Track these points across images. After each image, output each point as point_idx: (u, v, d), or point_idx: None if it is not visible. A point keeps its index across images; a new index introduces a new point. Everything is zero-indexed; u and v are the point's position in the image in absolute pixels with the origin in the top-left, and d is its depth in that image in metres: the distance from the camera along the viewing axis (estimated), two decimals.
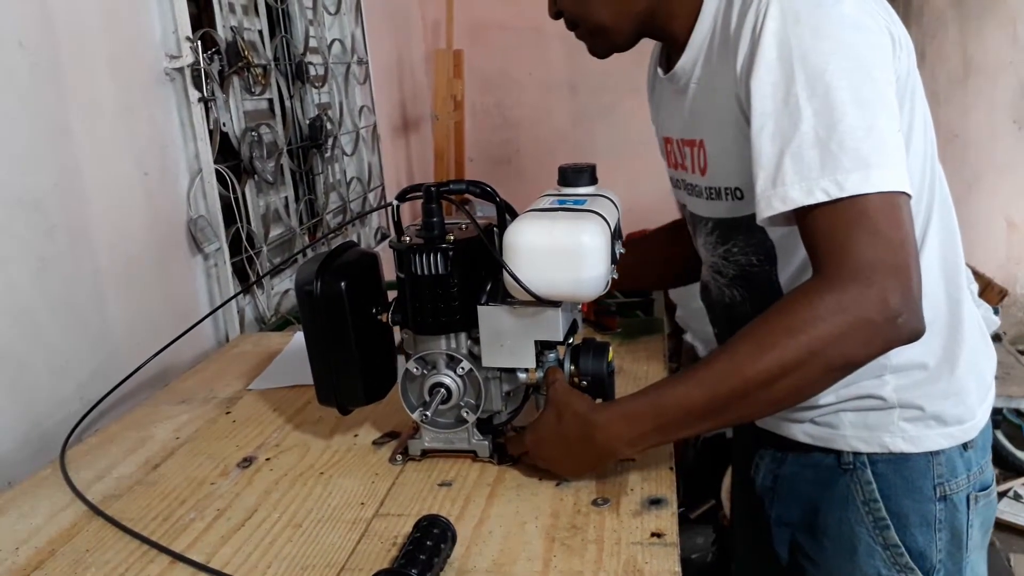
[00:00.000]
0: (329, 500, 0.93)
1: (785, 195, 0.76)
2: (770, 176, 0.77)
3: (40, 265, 1.21)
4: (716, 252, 0.99)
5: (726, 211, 0.93)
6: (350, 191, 2.45)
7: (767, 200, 0.77)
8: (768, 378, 0.76)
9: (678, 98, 0.96)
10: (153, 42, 1.51)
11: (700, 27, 0.88)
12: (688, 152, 0.96)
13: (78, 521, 0.91)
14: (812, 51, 0.75)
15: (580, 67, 3.33)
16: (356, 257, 0.99)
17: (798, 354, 0.75)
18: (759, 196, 0.78)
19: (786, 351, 0.75)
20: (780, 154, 0.76)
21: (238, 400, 1.24)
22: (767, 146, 0.77)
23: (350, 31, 2.48)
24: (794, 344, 0.75)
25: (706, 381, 0.79)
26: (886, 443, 0.91)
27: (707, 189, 0.94)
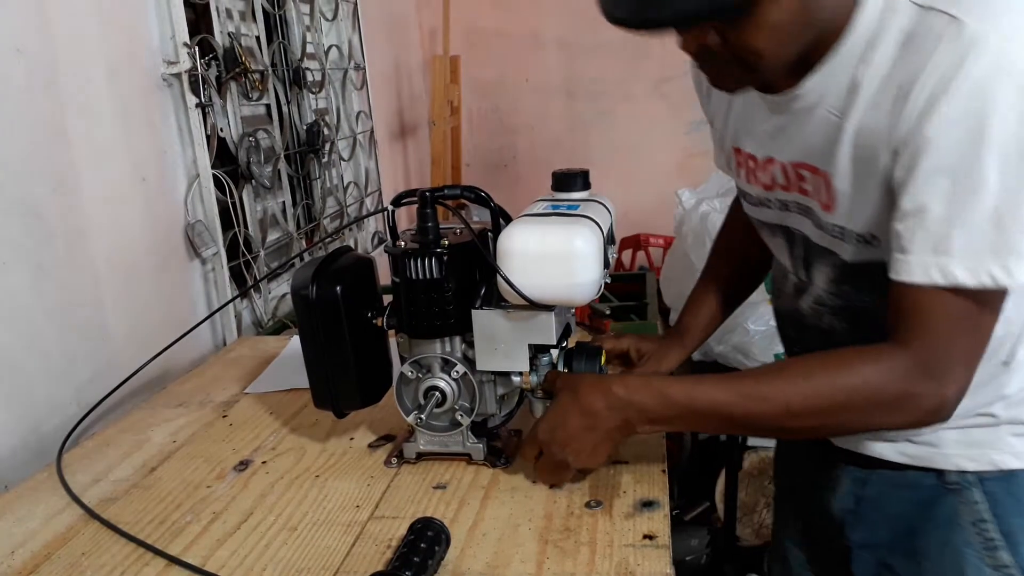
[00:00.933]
0: (324, 503, 0.93)
1: (946, 269, 0.70)
2: (933, 241, 0.70)
3: (38, 270, 1.21)
4: (827, 286, 0.90)
5: (852, 254, 0.83)
6: (347, 196, 2.46)
7: (924, 267, 0.71)
8: (807, 422, 0.79)
9: (788, 118, 0.84)
10: (151, 48, 1.52)
11: (846, 50, 0.76)
12: (810, 178, 0.84)
13: (74, 524, 0.92)
14: (1018, 122, 0.67)
15: (576, 73, 3.35)
16: (352, 262, 1.00)
17: (846, 417, 0.78)
18: (913, 257, 0.71)
19: (835, 406, 0.78)
20: (950, 220, 0.69)
21: (235, 404, 1.25)
22: (936, 205, 0.70)
23: (347, 37, 2.49)
24: (848, 405, 0.77)
25: (749, 396, 0.80)
26: (995, 460, 0.87)
27: (832, 226, 0.83)
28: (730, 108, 0.97)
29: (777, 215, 0.93)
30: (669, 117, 3.31)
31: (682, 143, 3.32)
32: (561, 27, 3.30)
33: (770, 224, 0.96)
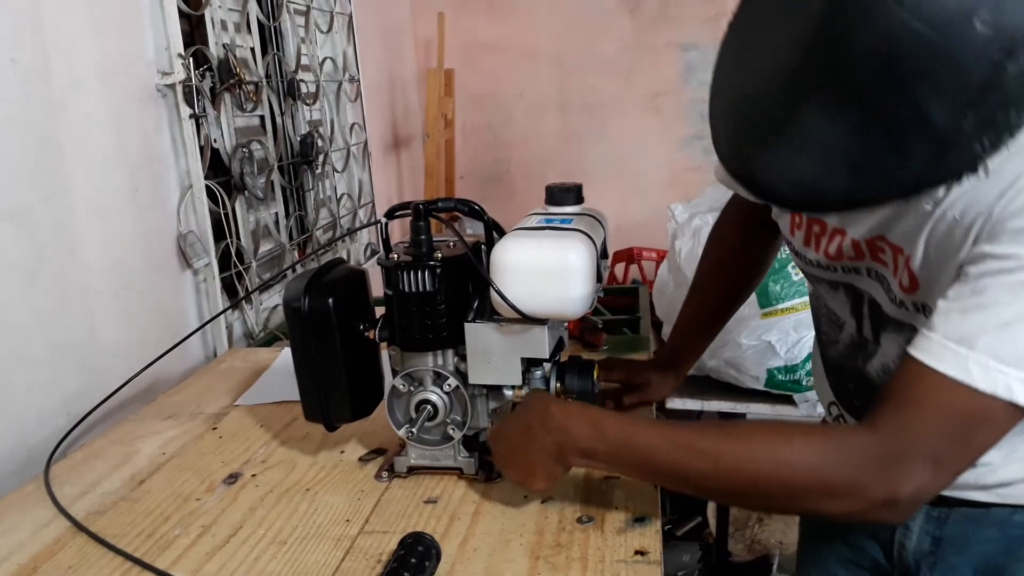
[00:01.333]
0: (314, 517, 0.93)
1: (964, 362, 0.65)
2: (962, 331, 0.66)
3: (28, 280, 1.21)
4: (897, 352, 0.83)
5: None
6: (340, 207, 2.46)
7: (939, 349, 0.66)
8: (737, 485, 0.73)
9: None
10: (145, 58, 1.52)
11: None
12: (889, 252, 0.80)
13: (61, 537, 0.91)
14: None
15: (569, 87, 3.36)
16: (344, 274, 1.00)
17: (776, 486, 0.72)
18: (935, 336, 0.67)
19: (768, 477, 0.72)
20: (990, 317, 0.65)
21: (225, 416, 1.24)
22: (983, 298, 0.66)
23: (342, 49, 2.50)
24: (777, 478, 0.71)
25: (681, 446, 0.75)
26: None
27: (915, 304, 0.78)
28: None
29: (842, 276, 0.88)
30: (662, 132, 3.33)
31: (674, 157, 3.34)
32: (555, 42, 3.32)
33: (830, 281, 0.90)
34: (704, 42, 3.24)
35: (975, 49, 0.54)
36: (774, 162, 0.62)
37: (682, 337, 1.19)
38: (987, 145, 0.57)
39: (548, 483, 0.85)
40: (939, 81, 0.56)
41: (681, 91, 3.29)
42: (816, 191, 0.63)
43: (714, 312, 1.18)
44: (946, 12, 0.54)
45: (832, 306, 0.94)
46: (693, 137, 3.33)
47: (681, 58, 3.26)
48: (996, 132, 0.57)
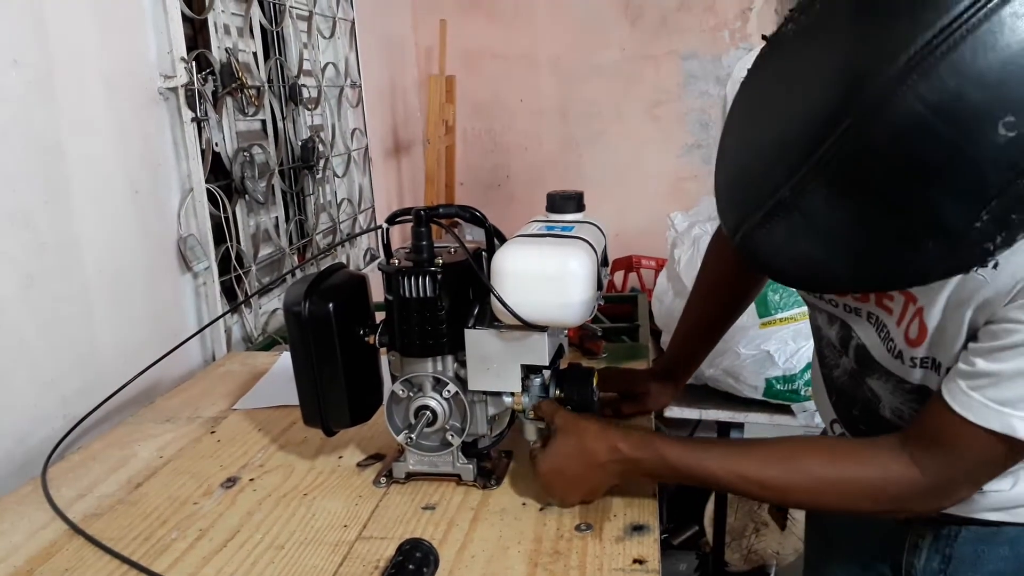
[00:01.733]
0: (312, 522, 0.92)
1: (1008, 421, 0.69)
2: (1004, 394, 0.68)
3: (28, 281, 1.21)
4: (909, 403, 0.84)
5: (936, 383, 0.77)
6: (340, 212, 2.46)
7: (984, 411, 0.69)
8: (800, 506, 0.84)
9: None
10: (148, 62, 1.52)
11: None
12: (898, 299, 0.80)
13: (58, 540, 0.91)
14: None
15: (570, 95, 3.37)
16: (344, 279, 1.00)
17: (839, 507, 0.83)
18: (977, 396, 0.70)
19: (830, 501, 0.81)
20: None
21: (223, 419, 1.24)
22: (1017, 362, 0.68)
23: (344, 55, 2.51)
24: (840, 502, 0.81)
25: (748, 480, 0.81)
26: None
27: (911, 358, 0.79)
28: None
29: (841, 312, 0.89)
30: (661, 140, 3.33)
31: (674, 166, 3.35)
32: (556, 49, 3.33)
33: (829, 313, 0.92)
34: (704, 52, 3.25)
35: (997, 153, 0.53)
36: (775, 238, 0.61)
37: (680, 347, 1.19)
38: (999, 243, 0.57)
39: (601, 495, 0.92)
40: (957, 182, 0.54)
41: (681, 100, 3.30)
42: (819, 275, 0.63)
43: (712, 322, 1.18)
44: (970, 114, 0.52)
45: (829, 336, 0.95)
46: (692, 146, 3.33)
47: (681, 67, 3.27)
48: (1010, 231, 0.56)
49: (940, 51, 0.52)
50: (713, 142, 3.33)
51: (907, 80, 0.52)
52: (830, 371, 0.97)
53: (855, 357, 0.89)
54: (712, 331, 1.19)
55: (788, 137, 0.59)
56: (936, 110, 0.52)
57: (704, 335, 1.19)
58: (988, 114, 0.52)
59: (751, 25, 3.22)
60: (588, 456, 0.88)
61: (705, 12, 3.22)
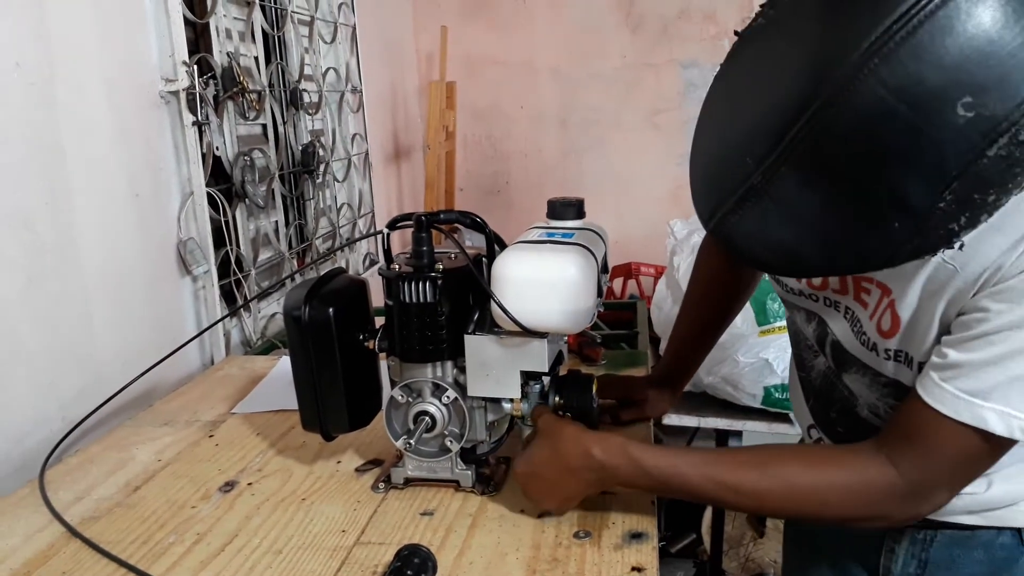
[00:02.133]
0: (310, 527, 0.92)
1: (979, 413, 0.69)
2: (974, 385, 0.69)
3: (27, 283, 1.21)
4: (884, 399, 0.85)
5: (911, 379, 0.78)
6: (340, 217, 2.46)
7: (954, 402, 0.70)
8: (778, 514, 0.81)
9: None
10: (149, 65, 1.52)
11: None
12: (873, 291, 0.81)
13: (55, 543, 0.91)
14: None
15: (570, 102, 3.38)
16: (344, 284, 1.00)
17: (818, 515, 0.81)
18: (949, 388, 0.70)
19: (809, 508, 0.80)
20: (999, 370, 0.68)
21: (221, 423, 1.24)
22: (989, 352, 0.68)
23: (345, 60, 2.51)
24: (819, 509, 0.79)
25: (723, 485, 0.80)
26: None
27: (885, 351, 0.80)
28: None
29: (821, 307, 0.90)
30: (661, 148, 3.34)
31: (673, 173, 3.35)
32: (557, 56, 3.34)
33: (807, 311, 0.93)
34: (704, 60, 3.26)
35: (956, 134, 0.55)
36: (747, 223, 0.63)
37: (676, 353, 1.19)
38: (963, 223, 0.58)
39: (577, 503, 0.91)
40: (918, 163, 0.56)
41: (681, 108, 3.30)
42: (790, 258, 0.64)
43: (707, 326, 1.19)
44: (929, 97, 0.54)
45: (806, 335, 0.95)
46: None
47: (682, 75, 3.28)
48: (973, 211, 0.58)
49: (899, 36, 0.54)
50: None
51: (868, 65, 0.54)
52: (807, 374, 0.97)
53: (831, 354, 0.89)
54: (707, 335, 1.19)
55: (758, 125, 0.61)
56: (897, 93, 0.54)
57: (699, 339, 1.19)
58: (947, 96, 0.54)
59: None
60: (561, 460, 0.87)
61: (705, 21, 3.23)
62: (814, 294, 0.90)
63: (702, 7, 3.22)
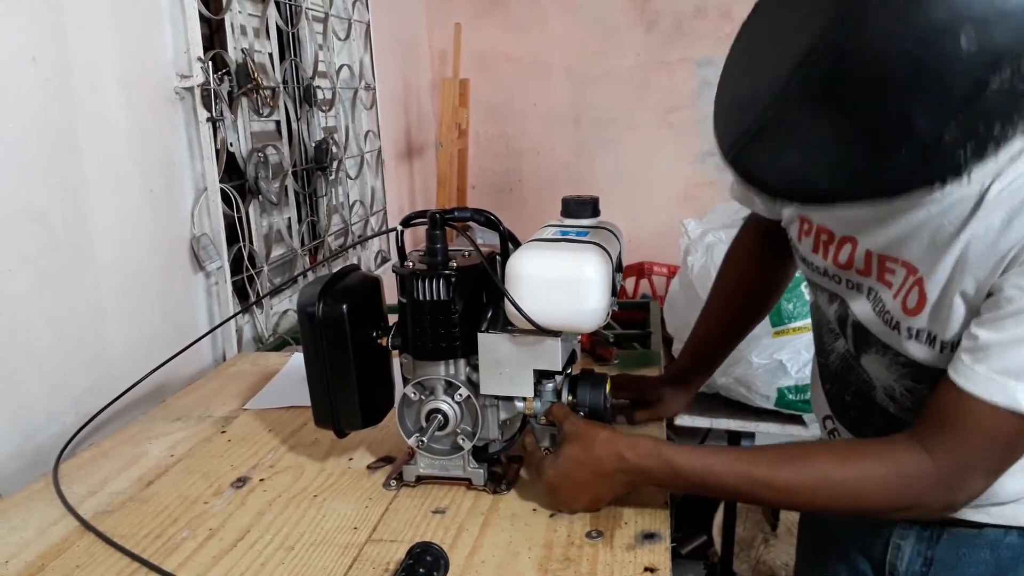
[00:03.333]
0: (322, 523, 0.92)
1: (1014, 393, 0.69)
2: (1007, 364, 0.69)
3: (41, 278, 1.21)
4: (901, 380, 0.84)
5: (933, 359, 0.78)
6: (352, 214, 2.46)
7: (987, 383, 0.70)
8: (812, 508, 0.81)
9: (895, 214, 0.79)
10: (164, 61, 1.53)
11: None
12: (898, 272, 0.81)
13: (69, 536, 0.91)
14: None
15: (583, 100, 3.37)
16: (358, 281, 1.00)
17: (855, 510, 0.82)
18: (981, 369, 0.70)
19: (843, 501, 0.79)
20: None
21: (234, 419, 1.24)
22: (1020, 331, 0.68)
23: (359, 57, 2.51)
24: (854, 503, 0.79)
25: (757, 483, 0.80)
26: None
27: (911, 330, 0.79)
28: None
29: (844, 290, 0.89)
30: (675, 147, 3.33)
31: (687, 173, 3.34)
32: (570, 54, 3.33)
33: (831, 292, 0.92)
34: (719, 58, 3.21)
35: (959, 64, 0.57)
36: (764, 154, 0.65)
37: (694, 355, 1.18)
38: (970, 154, 0.60)
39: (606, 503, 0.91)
40: (923, 92, 0.59)
41: (695, 107, 3.29)
42: (802, 185, 0.66)
43: (728, 332, 1.18)
44: (932, 27, 0.56)
45: (828, 316, 0.95)
46: (706, 153, 3.32)
47: (696, 74, 3.27)
48: (979, 142, 0.59)
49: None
50: None
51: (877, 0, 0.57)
52: (826, 359, 0.97)
53: (852, 335, 0.89)
54: (727, 339, 1.18)
55: (776, 62, 0.64)
56: (904, 24, 0.57)
57: (719, 343, 1.18)
58: (950, 27, 0.56)
59: None
60: (595, 464, 0.87)
61: (721, 18, 3.21)
62: (838, 275, 0.89)
63: (717, 4, 3.20)
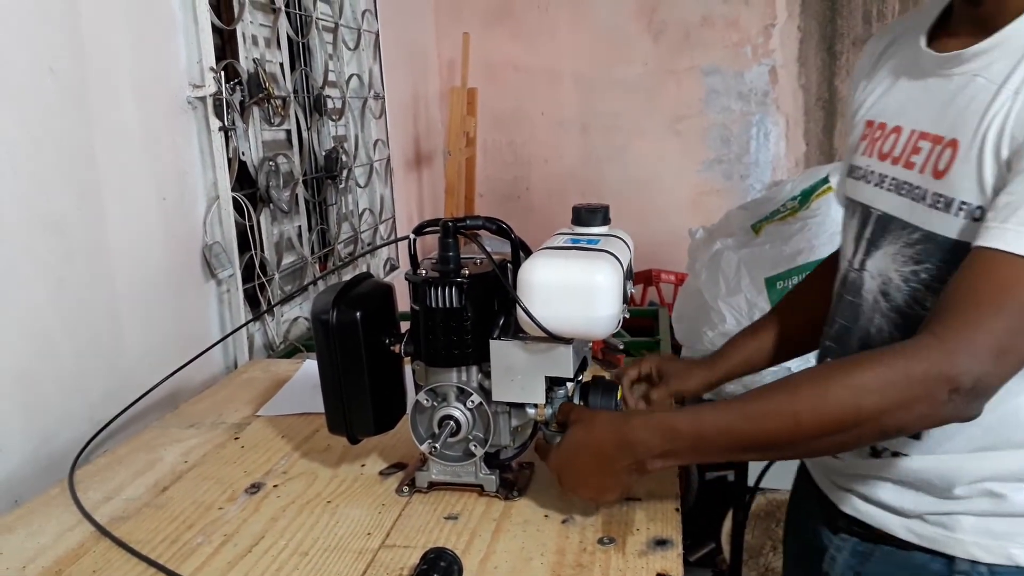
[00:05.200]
0: (336, 529, 0.93)
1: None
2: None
3: (58, 286, 1.22)
4: (901, 268, 0.84)
5: (947, 228, 0.78)
6: (361, 222, 2.48)
7: (1017, 234, 0.68)
8: (821, 432, 0.74)
9: (941, 84, 0.82)
10: (178, 71, 1.54)
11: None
12: (926, 148, 0.82)
13: (85, 541, 0.92)
14: None
15: (591, 108, 3.38)
16: (371, 288, 1.01)
17: (858, 417, 0.73)
18: (1010, 223, 0.69)
19: (848, 412, 0.73)
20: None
21: (246, 426, 1.25)
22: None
23: (368, 67, 2.53)
24: (857, 406, 0.73)
25: (757, 416, 0.77)
26: (1013, 555, 0.81)
27: (934, 195, 0.80)
28: (881, 82, 0.94)
29: (869, 193, 0.90)
30: (682, 155, 3.34)
31: (694, 181, 3.35)
32: (578, 63, 3.34)
33: (859, 203, 0.92)
34: (727, 68, 3.26)
35: None
36: None
37: (736, 344, 1.13)
38: None
39: (622, 495, 0.87)
40: None
41: (703, 115, 3.30)
42: None
43: (779, 334, 1.11)
44: None
45: (845, 246, 0.95)
46: (713, 161, 3.33)
47: (704, 82, 3.28)
48: None
49: None
50: (735, 158, 3.35)
51: None
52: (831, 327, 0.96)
53: (870, 233, 0.88)
54: (777, 341, 1.11)
55: None
56: None
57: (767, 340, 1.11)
58: None
59: (774, 41, 3.22)
60: (596, 446, 0.85)
61: (728, 28, 3.22)
62: (873, 170, 0.89)
63: (724, 14, 3.21)
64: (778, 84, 3.25)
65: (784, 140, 3.30)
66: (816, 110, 3.26)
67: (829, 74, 3.22)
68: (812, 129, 3.28)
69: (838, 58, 3.20)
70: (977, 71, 0.78)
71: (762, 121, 3.28)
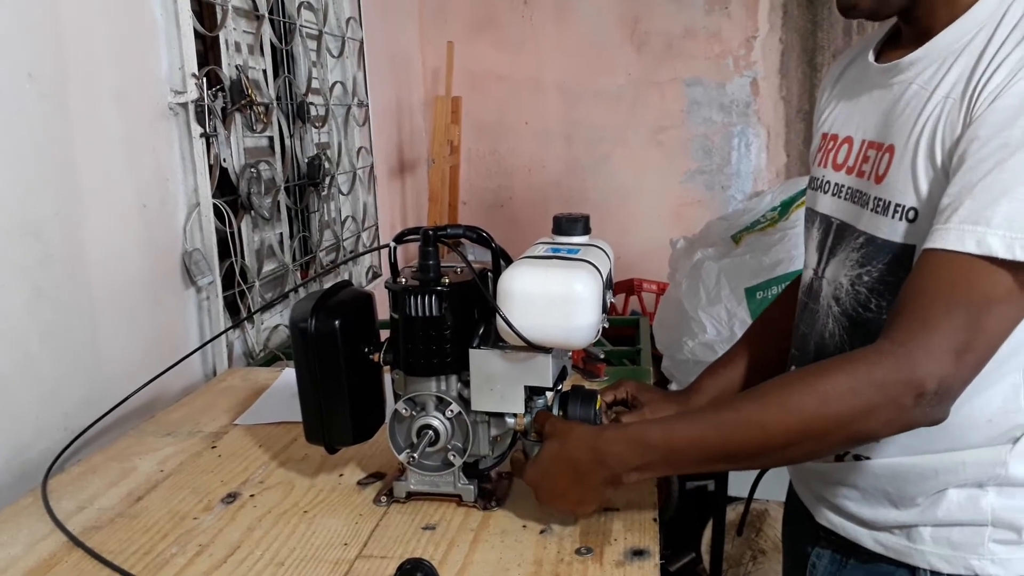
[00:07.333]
0: (312, 539, 0.92)
1: (983, 239, 0.69)
2: (978, 210, 0.70)
3: (34, 292, 1.21)
4: (849, 272, 0.87)
5: (886, 231, 0.82)
6: (344, 230, 2.47)
7: (959, 233, 0.70)
8: (789, 441, 0.76)
9: (883, 95, 0.87)
10: (159, 77, 1.54)
11: (954, 32, 0.79)
12: (873, 156, 0.86)
13: (57, 552, 0.91)
14: None
15: (575, 118, 3.40)
16: (351, 296, 1.00)
17: (825, 425, 0.74)
18: (951, 223, 0.71)
19: (814, 420, 0.74)
20: (1001, 193, 0.69)
21: (224, 435, 1.24)
22: (988, 178, 0.70)
23: (352, 74, 2.53)
24: (823, 414, 0.74)
25: (726, 427, 0.78)
26: (972, 565, 0.83)
27: (875, 200, 0.84)
28: (837, 96, 0.98)
29: (827, 202, 0.93)
30: (664, 165, 3.36)
31: (676, 191, 3.37)
32: (562, 73, 3.36)
33: (819, 213, 0.95)
34: (709, 79, 3.28)
35: None
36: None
37: (709, 376, 1.14)
38: None
39: (600, 506, 0.89)
40: None
41: (684, 126, 3.32)
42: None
43: (750, 362, 1.12)
44: None
45: (809, 256, 0.98)
46: (695, 171, 3.35)
47: (686, 93, 3.30)
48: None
49: None
50: (716, 168, 3.37)
51: None
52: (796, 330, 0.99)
53: (830, 243, 0.91)
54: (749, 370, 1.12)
55: None
56: None
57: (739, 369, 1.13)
58: None
59: (755, 53, 3.26)
60: (569, 458, 0.86)
61: (710, 40, 3.25)
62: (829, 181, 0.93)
63: (707, 26, 3.24)
64: (759, 96, 3.28)
65: (765, 151, 3.33)
66: (797, 122, 3.30)
67: (810, 86, 3.25)
68: (793, 141, 3.31)
69: (819, 70, 3.24)
70: (912, 79, 0.83)
71: (743, 132, 3.32)
